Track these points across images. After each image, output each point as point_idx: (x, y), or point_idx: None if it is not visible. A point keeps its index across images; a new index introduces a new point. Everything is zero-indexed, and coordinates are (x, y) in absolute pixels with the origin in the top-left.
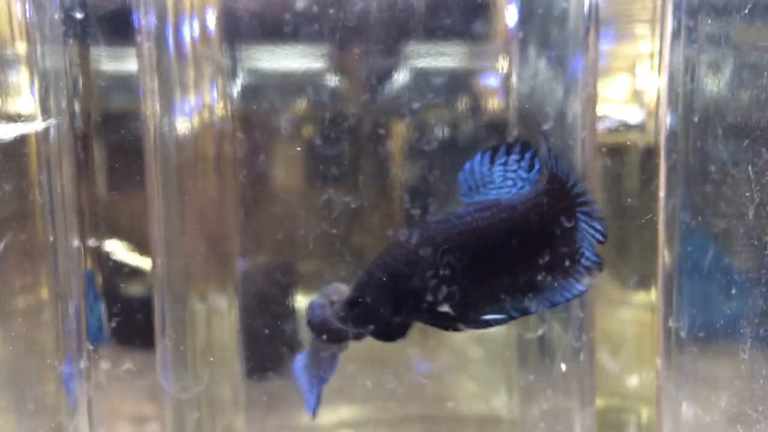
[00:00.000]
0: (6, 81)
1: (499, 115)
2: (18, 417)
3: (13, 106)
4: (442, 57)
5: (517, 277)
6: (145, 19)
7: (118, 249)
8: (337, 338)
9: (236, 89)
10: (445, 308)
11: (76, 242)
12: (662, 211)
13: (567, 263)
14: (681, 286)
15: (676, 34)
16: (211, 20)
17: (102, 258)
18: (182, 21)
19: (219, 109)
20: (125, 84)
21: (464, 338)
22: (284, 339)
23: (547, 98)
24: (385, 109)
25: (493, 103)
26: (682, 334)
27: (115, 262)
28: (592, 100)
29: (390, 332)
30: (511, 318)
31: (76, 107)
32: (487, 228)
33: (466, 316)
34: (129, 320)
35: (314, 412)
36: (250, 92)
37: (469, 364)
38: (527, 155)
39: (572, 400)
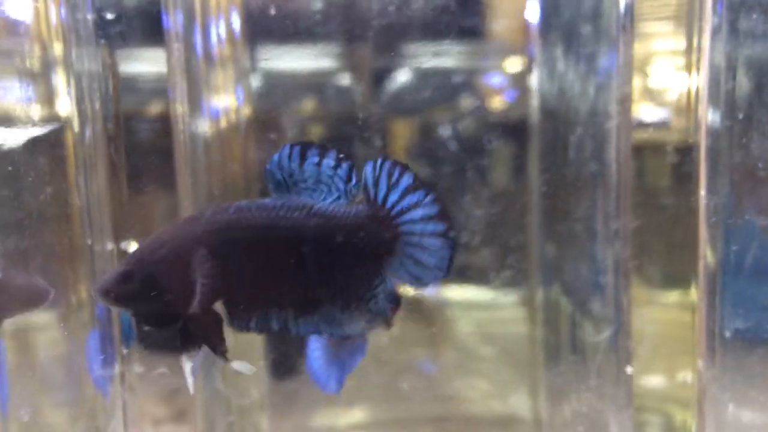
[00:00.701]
0: (45, 83)
1: (520, 116)
2: (61, 419)
3: (52, 108)
4: (457, 56)
5: (301, 292)
6: (173, 20)
7: None
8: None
9: (262, 90)
10: (216, 305)
11: (110, 245)
12: (703, 210)
13: (357, 298)
14: (725, 286)
15: (716, 30)
16: (236, 21)
17: None
18: (210, 22)
19: (246, 110)
20: (154, 85)
21: (481, 338)
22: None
23: (577, 98)
24: (396, 109)
25: (513, 104)
26: (727, 333)
27: None
28: (627, 99)
29: (157, 320)
30: (279, 332)
31: (108, 109)
32: (288, 229)
33: (233, 320)
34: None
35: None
36: (275, 93)
37: (488, 363)
38: (344, 165)
39: (607, 403)
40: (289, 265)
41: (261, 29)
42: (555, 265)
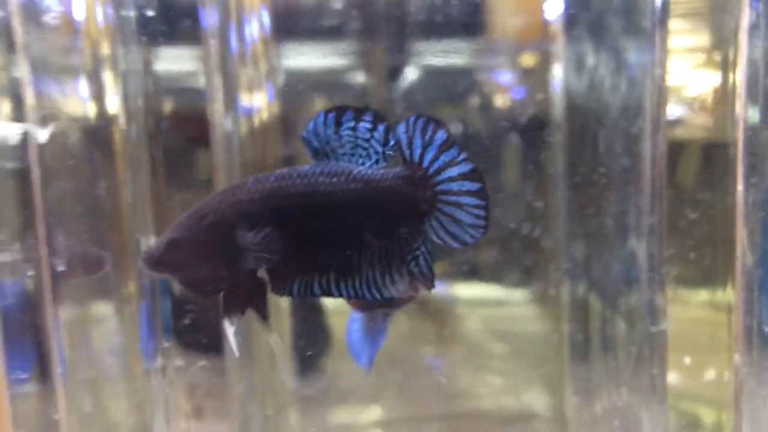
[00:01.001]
0: (95, 82)
1: (544, 111)
2: (113, 411)
3: (101, 107)
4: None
5: (342, 256)
6: (210, 18)
7: None
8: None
9: (290, 87)
10: (261, 272)
11: (153, 240)
12: (741, 206)
13: (396, 259)
14: (763, 283)
15: (754, 26)
16: (267, 19)
17: None
18: (244, 19)
19: (276, 107)
20: (191, 82)
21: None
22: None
23: (611, 93)
24: (417, 104)
25: (538, 99)
26: (766, 329)
27: None
28: (662, 95)
29: (203, 287)
30: (322, 295)
31: (149, 106)
32: (328, 195)
33: (276, 284)
34: (197, 318)
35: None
36: (302, 89)
37: (511, 359)
38: (380, 127)
39: (641, 398)
40: (329, 230)
41: (288, 27)
42: (586, 262)
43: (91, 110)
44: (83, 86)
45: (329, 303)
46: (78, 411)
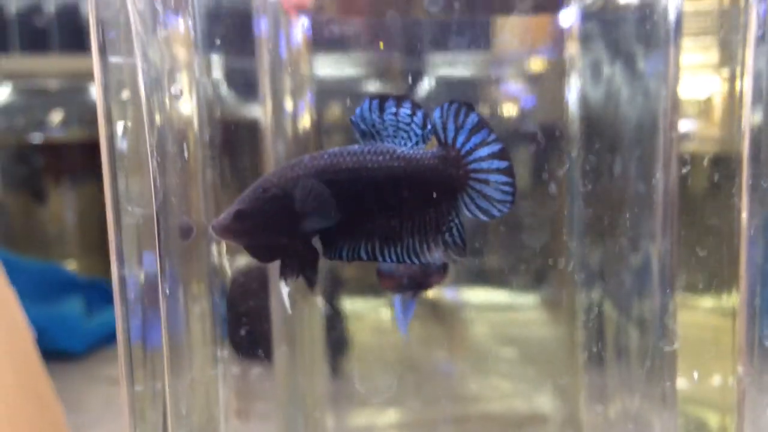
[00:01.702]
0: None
1: (558, 123)
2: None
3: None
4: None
5: (386, 226)
6: (263, 26)
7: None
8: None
9: (328, 94)
10: (314, 239)
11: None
12: (745, 215)
13: (432, 230)
14: (765, 292)
15: (760, 41)
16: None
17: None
18: (291, 28)
19: (314, 112)
20: (246, 89)
21: (519, 339)
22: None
23: (625, 106)
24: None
25: (553, 111)
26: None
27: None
28: (674, 109)
29: (265, 253)
30: (368, 259)
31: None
32: (374, 171)
33: (328, 250)
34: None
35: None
36: (338, 96)
37: (527, 363)
38: (419, 113)
39: (652, 404)
40: (375, 203)
41: (326, 36)
42: (599, 271)
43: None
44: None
45: (349, 308)
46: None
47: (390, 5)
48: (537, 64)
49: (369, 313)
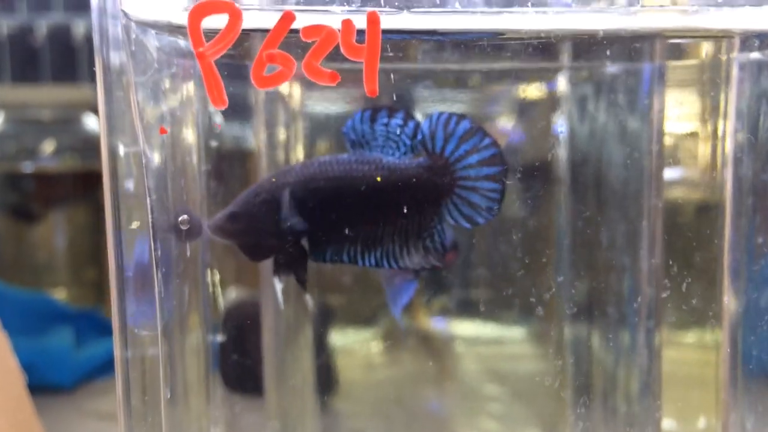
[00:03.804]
0: None
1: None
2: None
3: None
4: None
5: (369, 231)
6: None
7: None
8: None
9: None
10: (303, 241)
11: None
12: (727, 256)
13: (413, 236)
14: (747, 330)
15: (740, 85)
16: None
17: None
18: None
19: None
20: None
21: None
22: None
23: (611, 153)
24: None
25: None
26: (751, 377)
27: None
28: (659, 156)
29: (256, 252)
30: (349, 262)
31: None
32: (360, 178)
33: (313, 252)
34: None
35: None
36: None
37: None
38: (410, 123)
39: None
40: (360, 209)
41: None
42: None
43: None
44: None
45: (336, 341)
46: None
47: None
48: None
49: (360, 347)
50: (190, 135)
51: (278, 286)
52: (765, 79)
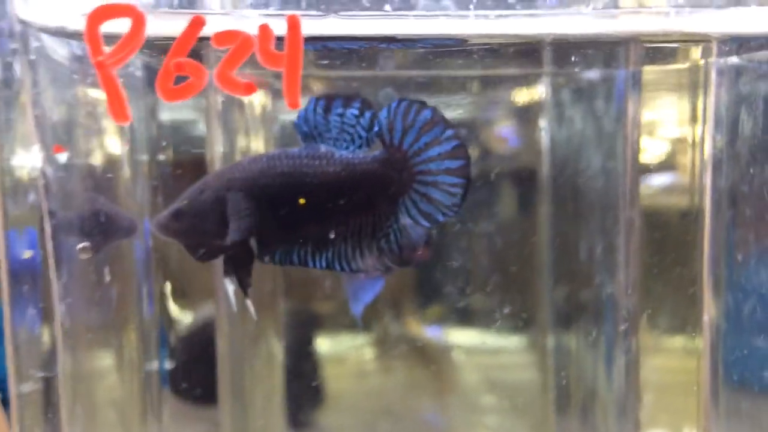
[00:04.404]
0: None
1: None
2: None
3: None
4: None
5: (319, 231)
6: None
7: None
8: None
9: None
10: (251, 241)
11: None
12: (706, 264)
13: (368, 236)
14: (727, 339)
15: (718, 92)
16: None
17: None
18: None
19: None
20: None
21: (495, 388)
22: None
23: (588, 158)
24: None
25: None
26: (730, 386)
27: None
28: (635, 161)
29: (201, 252)
30: (299, 264)
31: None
32: (311, 175)
33: (261, 252)
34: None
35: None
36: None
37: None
38: (367, 114)
39: None
40: (309, 207)
41: None
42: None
43: None
44: None
45: (324, 350)
46: None
47: None
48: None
49: (347, 356)
50: (117, 147)
51: (230, 287)
52: (743, 85)
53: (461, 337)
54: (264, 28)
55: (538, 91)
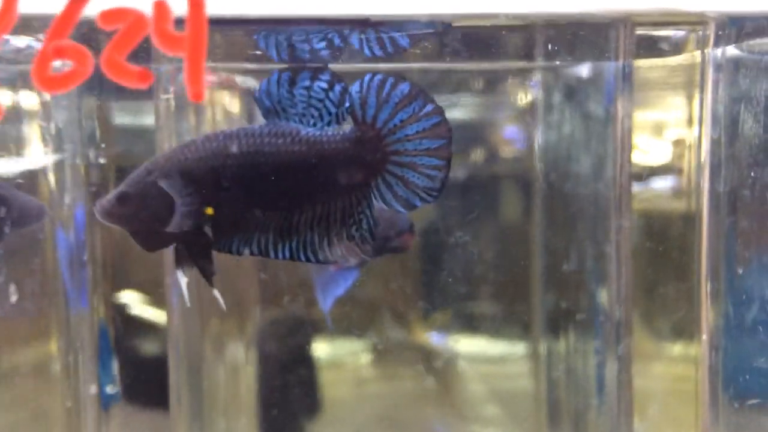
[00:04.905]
0: None
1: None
2: None
3: None
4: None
5: (282, 217)
6: (163, 74)
7: (132, 303)
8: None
9: None
10: (206, 228)
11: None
12: (705, 270)
13: (337, 223)
14: (727, 345)
15: (714, 93)
16: None
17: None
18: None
19: None
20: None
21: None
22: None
23: (579, 160)
24: None
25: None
26: (729, 391)
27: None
28: (627, 163)
29: (150, 240)
30: (259, 254)
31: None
32: (273, 155)
33: (218, 240)
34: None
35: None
36: None
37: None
38: (337, 87)
39: None
40: (271, 191)
41: None
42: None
43: None
44: None
45: (321, 355)
46: None
47: None
48: None
49: (346, 362)
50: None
51: (183, 280)
52: (743, 80)
53: (448, 344)
54: (160, 6)
55: (526, 86)
